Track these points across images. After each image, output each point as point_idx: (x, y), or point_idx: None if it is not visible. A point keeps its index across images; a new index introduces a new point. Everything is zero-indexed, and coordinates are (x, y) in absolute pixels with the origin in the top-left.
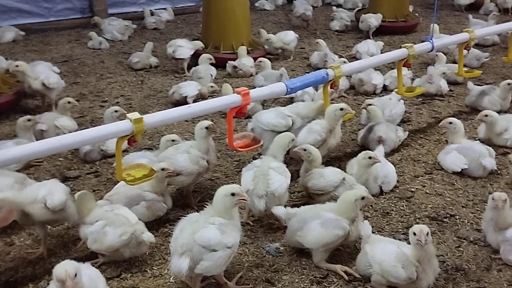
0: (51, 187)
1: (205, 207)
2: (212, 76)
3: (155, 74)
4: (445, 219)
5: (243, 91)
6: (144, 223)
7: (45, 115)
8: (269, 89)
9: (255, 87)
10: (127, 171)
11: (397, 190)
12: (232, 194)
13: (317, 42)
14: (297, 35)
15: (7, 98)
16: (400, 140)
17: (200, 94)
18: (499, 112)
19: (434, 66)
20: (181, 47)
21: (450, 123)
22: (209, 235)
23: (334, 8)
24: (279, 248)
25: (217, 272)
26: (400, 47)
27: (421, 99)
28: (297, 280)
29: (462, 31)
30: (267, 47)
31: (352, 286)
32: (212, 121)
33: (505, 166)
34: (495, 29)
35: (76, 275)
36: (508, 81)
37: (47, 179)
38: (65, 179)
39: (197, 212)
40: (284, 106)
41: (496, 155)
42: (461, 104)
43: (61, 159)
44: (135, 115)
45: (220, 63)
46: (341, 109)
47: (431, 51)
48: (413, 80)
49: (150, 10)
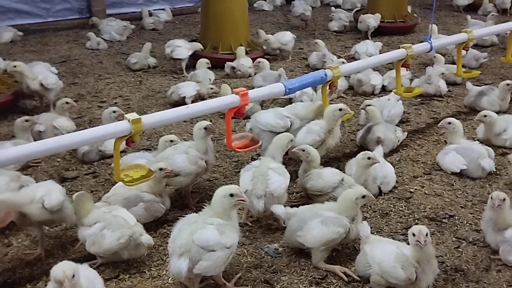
0: (48, 187)
1: (203, 207)
2: (210, 80)
3: (153, 75)
4: (444, 220)
5: (242, 92)
6: (142, 224)
7: (43, 115)
8: (267, 89)
9: (253, 88)
10: (125, 172)
11: (396, 191)
12: (231, 195)
13: (316, 43)
14: (295, 36)
15: (5, 98)
16: (399, 141)
17: (198, 95)
18: (498, 112)
19: (432, 67)
20: (179, 47)
21: (449, 123)
22: (207, 235)
23: (333, 8)
24: (278, 249)
25: (216, 272)
26: (399, 48)
27: (420, 100)
28: (296, 281)
29: (460, 32)
30: (265, 47)
31: (351, 287)
32: (211, 121)
33: (504, 166)
34: (493, 30)
35: (74, 276)
36: (507, 82)
37: (45, 180)
38: (63, 180)
39: (196, 212)
40: (283, 107)
41: (495, 156)
42: (460, 105)
43: (59, 159)
44: (133, 115)
45: (218, 64)
46: (340, 109)
47: (429, 51)
48: (411, 80)
49: (149, 11)
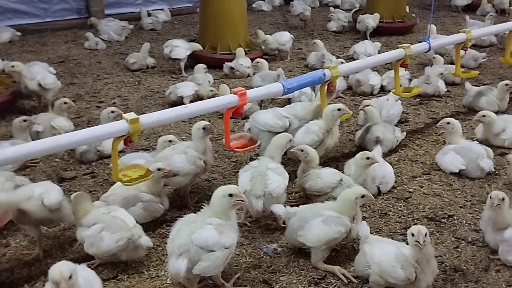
0: (47, 186)
1: (202, 208)
2: (209, 82)
3: (152, 75)
4: (443, 220)
5: (240, 91)
6: (141, 224)
7: (41, 115)
8: (266, 89)
9: (252, 88)
10: (123, 172)
11: (395, 191)
12: (230, 195)
13: (315, 43)
14: (293, 36)
15: (3, 98)
16: (397, 141)
17: (197, 95)
18: (496, 112)
19: (431, 67)
20: (178, 47)
21: (448, 123)
22: (206, 235)
23: (332, 9)
24: (277, 249)
25: (215, 272)
26: (397, 48)
27: (419, 100)
28: (294, 281)
29: (459, 32)
30: (264, 47)
31: (350, 287)
32: (209, 121)
33: (503, 166)
34: (492, 30)
35: (71, 276)
36: (505, 82)
37: (43, 180)
38: (61, 180)
39: (194, 213)
40: (282, 107)
41: (493, 156)
42: (459, 105)
43: (57, 160)
44: (131, 115)
45: (217, 64)
46: (339, 109)
47: (428, 51)
48: (410, 80)
49: (147, 11)
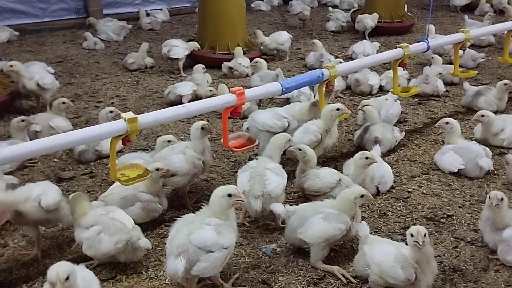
0: (45, 186)
1: (201, 208)
2: (208, 82)
3: (150, 75)
4: (442, 220)
5: (238, 91)
6: (139, 224)
7: (39, 115)
8: (264, 88)
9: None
10: (121, 171)
11: (394, 191)
12: (229, 195)
13: (313, 43)
14: (291, 36)
15: (1, 98)
16: (396, 141)
17: (195, 95)
18: (495, 112)
19: (430, 66)
20: (176, 47)
21: (447, 123)
22: (205, 236)
23: (330, 8)
24: (276, 249)
25: (214, 273)
26: (396, 48)
27: (418, 100)
28: (293, 281)
29: (457, 32)
30: (263, 48)
31: (349, 287)
32: (208, 121)
33: (501, 166)
34: (490, 30)
35: (68, 278)
36: (504, 82)
37: (42, 180)
38: (59, 180)
39: (193, 213)
40: (281, 107)
41: (492, 156)
42: (457, 105)
43: (55, 160)
44: (129, 114)
45: (216, 64)
46: (338, 109)
47: (426, 51)
48: (409, 80)
49: (146, 11)
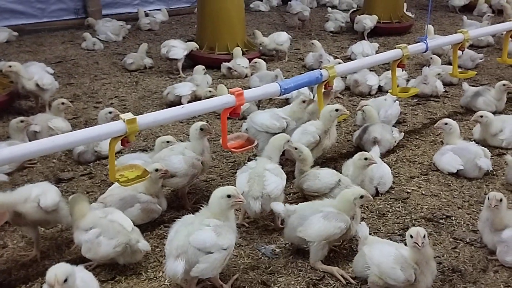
0: (44, 187)
1: (200, 208)
2: (208, 83)
3: (149, 75)
4: (441, 220)
5: (237, 92)
6: (139, 225)
7: (38, 116)
8: (263, 89)
9: (250, 88)
10: (120, 172)
11: (393, 191)
12: (228, 196)
13: (312, 43)
14: (291, 36)
15: (0, 99)
16: (395, 141)
17: (195, 96)
18: (494, 113)
19: (429, 67)
20: (175, 48)
21: (446, 124)
22: (204, 237)
23: (329, 9)
24: (275, 250)
25: (213, 274)
26: (395, 48)
27: (416, 100)
28: (293, 282)
29: (456, 32)
30: (261, 48)
31: None
32: (207, 122)
33: (500, 167)
34: (489, 30)
35: (66, 280)
36: (503, 82)
37: (41, 181)
38: (58, 181)
39: (192, 213)
40: (280, 108)
41: (491, 156)
42: (456, 105)
43: (54, 160)
44: (128, 115)
45: (215, 64)
46: (337, 110)
47: (425, 51)
48: (408, 81)
49: (145, 11)
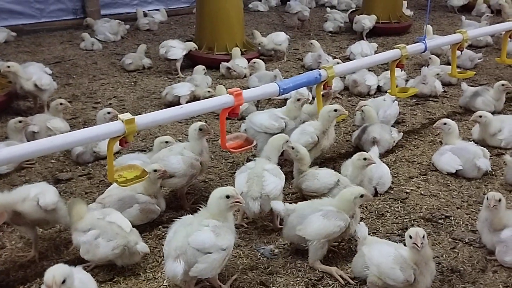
0: (42, 187)
1: (199, 209)
2: (207, 84)
3: (148, 76)
4: (440, 220)
5: (236, 92)
6: (137, 225)
7: (37, 116)
8: (261, 89)
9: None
10: (119, 173)
11: (392, 192)
12: (227, 197)
13: (311, 43)
14: (289, 36)
15: None
16: (394, 141)
17: (194, 96)
18: (493, 113)
19: (427, 67)
20: (174, 48)
21: (445, 124)
22: (203, 237)
23: (328, 9)
24: (274, 250)
25: (212, 275)
26: (394, 48)
27: (415, 100)
28: (292, 282)
29: (455, 32)
30: (260, 48)
31: None
32: (206, 122)
33: (499, 167)
34: (487, 30)
35: (64, 281)
36: (501, 82)
37: (39, 182)
38: (57, 181)
39: (191, 214)
40: (279, 108)
41: (490, 156)
42: (455, 105)
43: (53, 161)
44: (127, 115)
45: (214, 64)
46: (335, 110)
47: (424, 51)
48: (407, 81)
49: (143, 11)
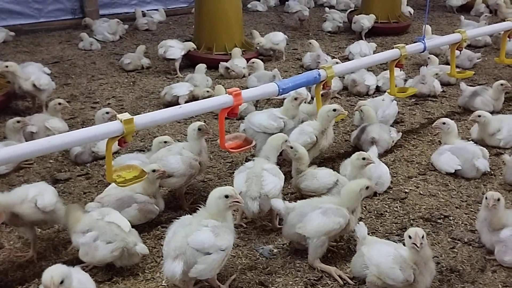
0: (41, 187)
1: (197, 209)
2: (208, 84)
3: (147, 75)
4: (439, 220)
5: (235, 92)
6: (136, 225)
7: (35, 116)
8: (261, 89)
9: (248, 88)
10: (117, 173)
11: (391, 191)
12: (226, 196)
13: (310, 43)
14: (288, 36)
15: None
16: (393, 141)
17: (192, 96)
18: (492, 112)
19: (426, 67)
20: (172, 48)
21: (444, 123)
22: (202, 238)
23: (327, 9)
24: (273, 250)
25: (211, 275)
26: (392, 48)
27: (414, 100)
28: (291, 282)
29: (454, 32)
30: (259, 48)
31: None
32: (205, 122)
33: (498, 166)
34: (486, 30)
35: (62, 281)
36: (500, 82)
37: (37, 182)
38: (55, 181)
39: (190, 214)
40: (278, 108)
41: (489, 156)
42: (454, 105)
43: (51, 161)
44: (126, 115)
45: (212, 64)
46: (334, 110)
47: (423, 51)
48: (406, 81)
49: (142, 11)
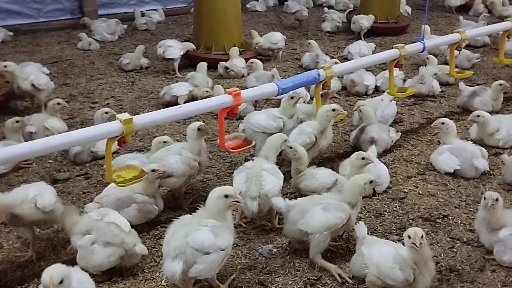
0: (40, 187)
1: (197, 209)
2: (208, 84)
3: (146, 75)
4: (438, 220)
5: (234, 92)
6: (135, 225)
7: (34, 116)
8: (260, 89)
9: (247, 88)
10: (117, 173)
11: (390, 191)
12: (226, 196)
13: (309, 43)
14: (287, 36)
15: None
16: (392, 141)
17: (192, 96)
18: (490, 112)
19: (425, 67)
20: (171, 47)
21: (443, 123)
22: (202, 237)
23: (326, 9)
24: (272, 250)
25: (211, 275)
26: (392, 48)
27: (413, 100)
28: (290, 282)
29: (453, 32)
30: (257, 48)
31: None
32: (204, 122)
33: (497, 166)
34: (485, 30)
35: (62, 281)
36: (499, 82)
37: (37, 181)
38: (54, 181)
39: (189, 214)
40: (277, 108)
41: (488, 156)
42: (453, 105)
43: (50, 161)
44: (125, 115)
45: (212, 64)
46: (333, 110)
47: (422, 51)
48: (404, 81)
49: (141, 11)
